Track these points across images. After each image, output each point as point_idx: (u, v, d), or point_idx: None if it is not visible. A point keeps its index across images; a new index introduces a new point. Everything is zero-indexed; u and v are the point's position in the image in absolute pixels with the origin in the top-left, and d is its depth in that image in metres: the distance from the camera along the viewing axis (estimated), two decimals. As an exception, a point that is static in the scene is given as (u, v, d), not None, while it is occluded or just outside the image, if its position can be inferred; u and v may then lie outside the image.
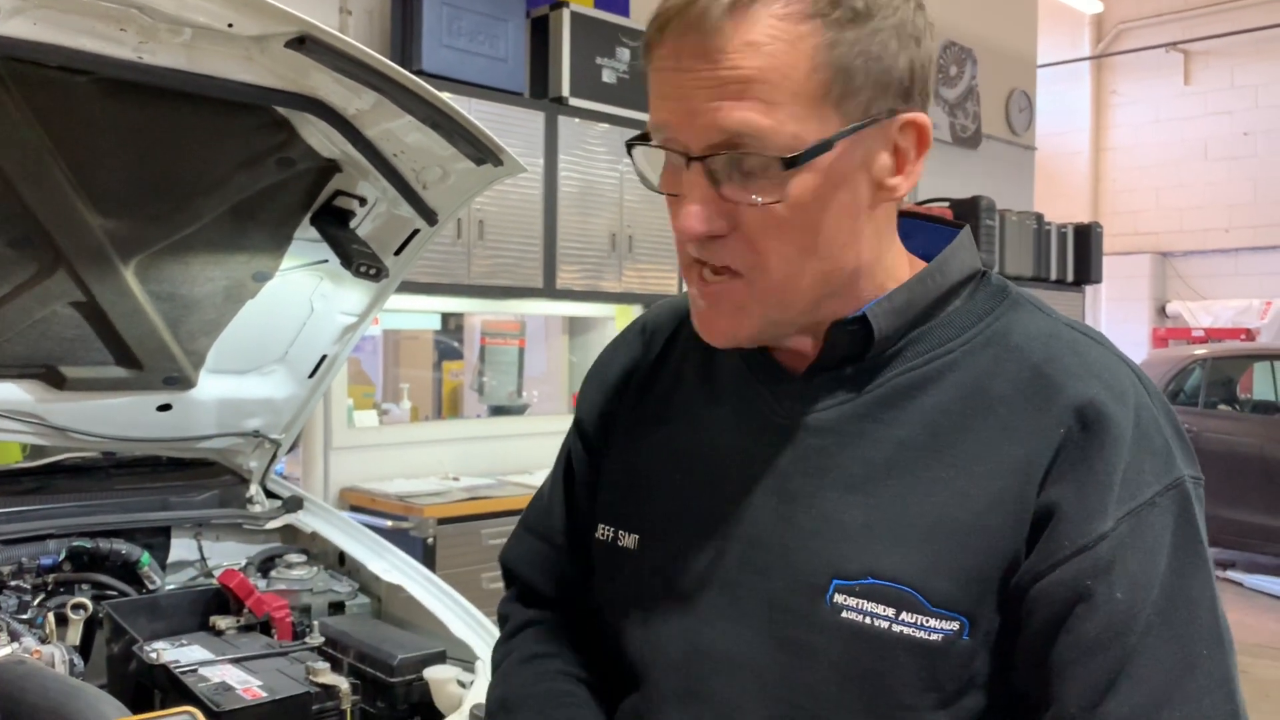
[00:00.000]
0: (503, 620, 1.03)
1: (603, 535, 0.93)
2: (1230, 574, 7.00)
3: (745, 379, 0.88)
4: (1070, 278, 6.46)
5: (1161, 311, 11.03)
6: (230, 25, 1.37)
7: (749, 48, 0.72)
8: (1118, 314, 10.95)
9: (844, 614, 0.77)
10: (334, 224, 1.81)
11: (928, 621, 0.75)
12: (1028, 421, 0.77)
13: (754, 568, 0.82)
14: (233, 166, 1.65)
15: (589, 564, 0.95)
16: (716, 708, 0.82)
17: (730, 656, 0.82)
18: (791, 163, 0.73)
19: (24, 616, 1.80)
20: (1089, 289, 6.84)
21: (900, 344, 0.82)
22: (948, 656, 0.75)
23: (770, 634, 0.80)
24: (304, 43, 1.41)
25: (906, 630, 0.75)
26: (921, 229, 0.90)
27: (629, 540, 0.90)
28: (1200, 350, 7.88)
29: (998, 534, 0.75)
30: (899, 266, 0.84)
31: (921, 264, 0.86)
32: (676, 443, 0.90)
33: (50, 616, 1.80)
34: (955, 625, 0.75)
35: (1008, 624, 0.76)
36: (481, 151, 1.66)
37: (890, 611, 0.76)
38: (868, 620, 0.76)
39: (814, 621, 0.78)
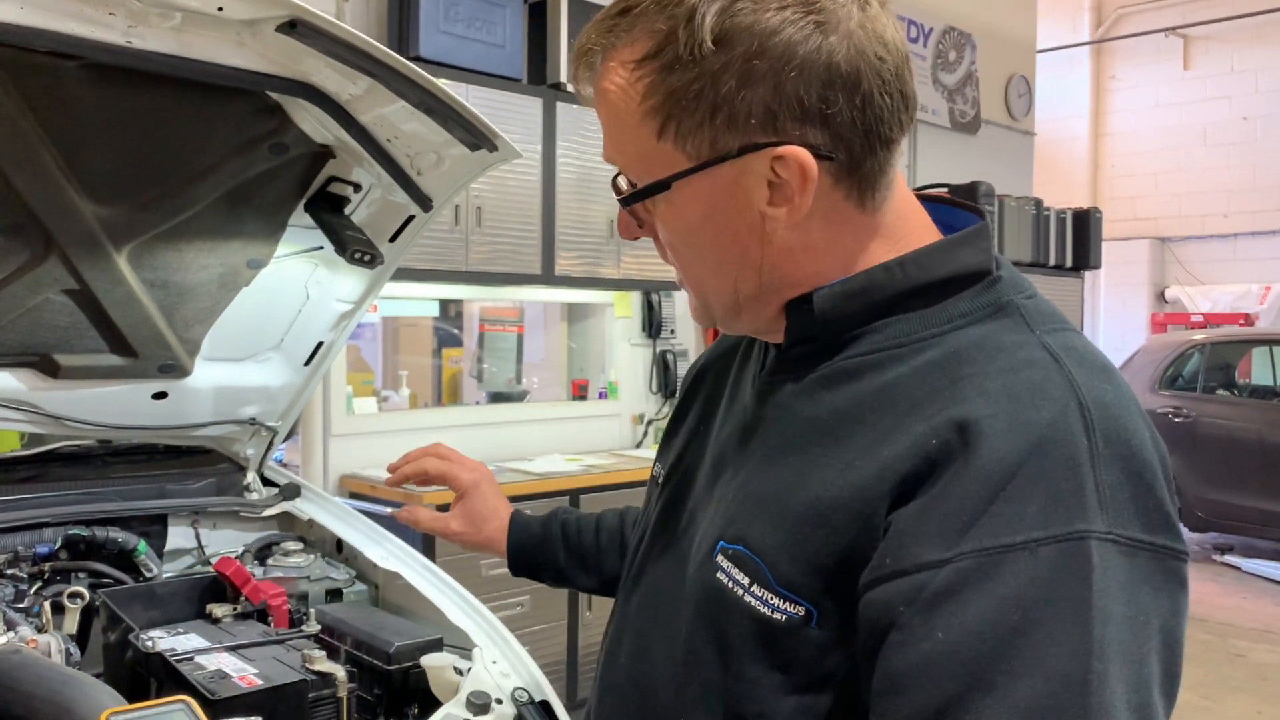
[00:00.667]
0: None
1: (655, 470, 1.05)
2: (1228, 558, 7.02)
3: (760, 350, 0.94)
4: (1069, 263, 6.46)
5: (1160, 297, 11.03)
6: (220, 9, 1.36)
7: (601, 95, 0.80)
8: (1116, 299, 10.95)
9: (717, 574, 0.81)
10: (328, 210, 1.80)
11: (772, 599, 0.76)
12: (909, 425, 0.73)
13: (692, 520, 0.91)
14: (225, 152, 1.64)
15: None
16: (636, 633, 0.93)
17: (655, 594, 0.92)
18: (627, 200, 0.82)
19: (20, 605, 1.80)
20: (1088, 274, 6.84)
21: (859, 331, 0.81)
22: (791, 640, 0.75)
23: (683, 578, 0.87)
24: (295, 27, 1.40)
25: (754, 602, 0.77)
26: (968, 220, 0.86)
27: (660, 476, 1.02)
28: (1199, 335, 7.88)
29: (839, 530, 0.73)
30: (856, 262, 0.81)
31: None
32: (710, 402, 1.00)
33: (46, 605, 1.80)
34: (799, 610, 0.74)
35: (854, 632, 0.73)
36: (476, 137, 1.65)
37: (745, 580, 0.78)
38: (729, 583, 0.80)
39: (700, 575, 0.84)
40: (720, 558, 0.81)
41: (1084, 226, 6.49)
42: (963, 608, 0.65)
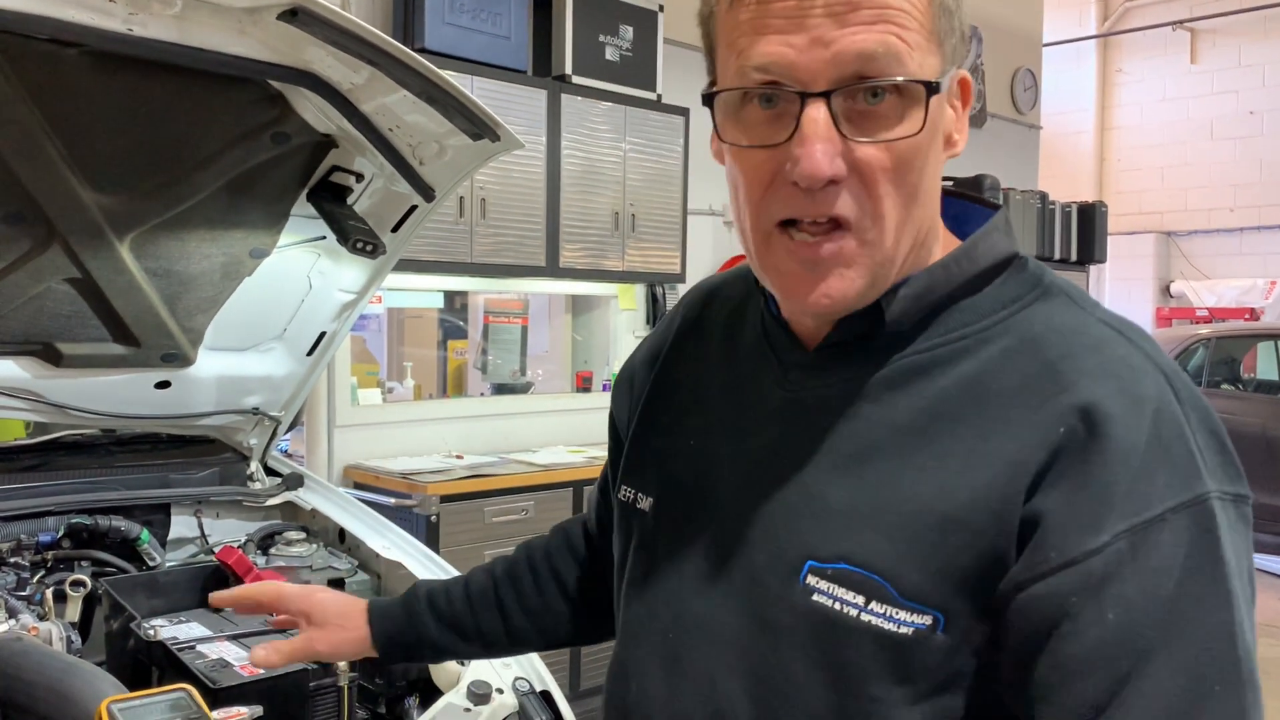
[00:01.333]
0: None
1: (624, 496, 0.95)
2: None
3: (762, 350, 0.87)
4: (1074, 257, 6.44)
5: (1166, 291, 11.00)
6: (222, -3, 1.36)
7: None
8: (1122, 293, 10.92)
9: (815, 596, 0.75)
10: (331, 200, 1.79)
11: (897, 613, 0.72)
12: (1026, 417, 0.72)
13: (741, 541, 0.82)
14: (227, 141, 1.64)
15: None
16: (694, 676, 0.83)
17: (710, 628, 0.82)
18: (934, 88, 0.71)
19: (22, 593, 1.80)
20: (1093, 268, 6.82)
21: (915, 326, 0.79)
22: (919, 651, 0.72)
23: (748, 609, 0.80)
24: (296, 15, 1.39)
25: (875, 620, 0.73)
26: (956, 206, 0.86)
27: (645, 504, 0.92)
28: (1204, 330, 7.86)
29: (977, 531, 0.71)
30: (937, 237, 0.81)
31: (955, 240, 0.82)
32: (691, 410, 0.92)
33: (49, 593, 1.80)
34: (927, 620, 0.72)
35: (994, 632, 0.72)
36: (478, 126, 1.65)
37: (860, 599, 0.73)
38: (837, 605, 0.74)
39: (787, 601, 0.77)
40: (814, 579, 0.76)
41: (1089, 220, 6.48)
42: (1123, 586, 0.67)
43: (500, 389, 4.88)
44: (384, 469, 3.77)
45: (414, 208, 1.86)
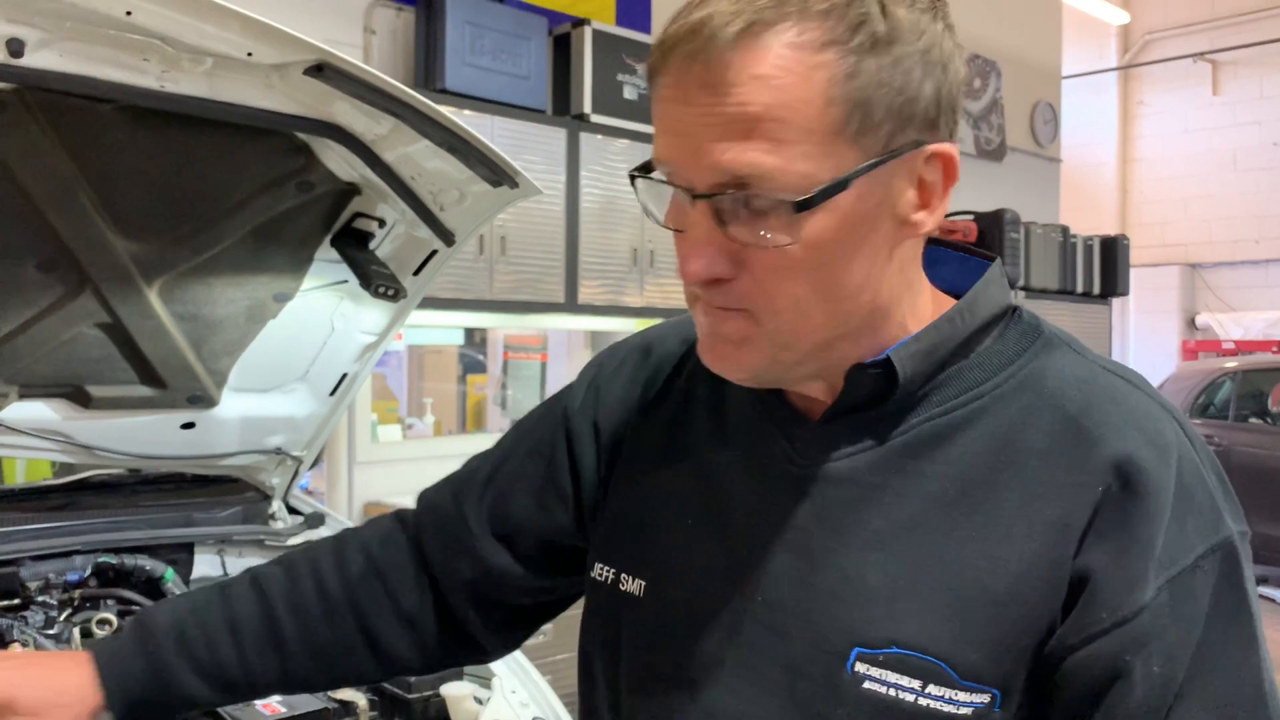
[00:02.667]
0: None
1: (601, 575, 0.88)
2: (1263, 590, 6.91)
3: (757, 420, 0.83)
4: (1097, 290, 6.42)
5: (1191, 323, 10.93)
6: (250, 54, 1.40)
7: (757, 81, 0.66)
8: (1146, 326, 10.86)
9: (866, 684, 0.72)
10: (353, 245, 1.83)
11: (956, 695, 0.70)
12: (1063, 478, 0.71)
13: (773, 631, 0.77)
14: (254, 190, 1.68)
15: (494, 560, 0.95)
16: None
17: None
18: (803, 205, 0.68)
19: (51, 632, 1.83)
20: (1116, 302, 6.79)
21: (926, 388, 0.77)
22: None
23: (791, 703, 0.75)
24: (322, 70, 1.44)
25: (933, 704, 0.70)
26: (947, 258, 0.84)
27: (633, 585, 0.85)
28: (1230, 363, 7.80)
29: (1033, 603, 0.70)
30: (923, 304, 0.79)
31: (946, 299, 0.81)
32: (685, 485, 0.85)
33: (76, 632, 1.83)
34: (986, 698, 0.70)
35: (1038, 694, 0.71)
36: (498, 174, 1.68)
37: (916, 684, 0.71)
38: (892, 692, 0.71)
39: (835, 691, 0.73)
40: (863, 666, 0.72)
41: (1112, 253, 6.46)
42: (1165, 638, 0.68)
43: (520, 424, 4.91)
44: (404, 507, 3.80)
45: (435, 252, 1.90)
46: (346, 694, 1.67)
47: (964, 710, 0.70)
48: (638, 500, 0.88)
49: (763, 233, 0.70)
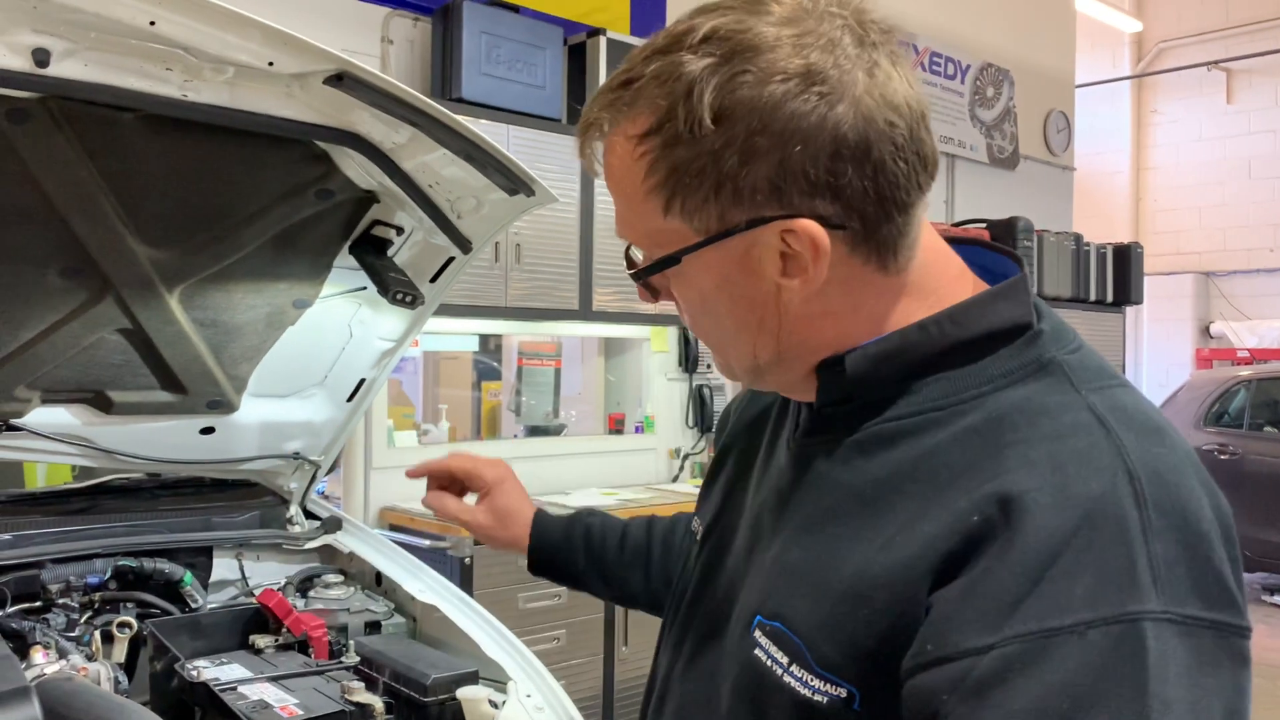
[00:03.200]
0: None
1: (694, 526, 1.03)
2: (1278, 599, 6.87)
3: (793, 409, 0.90)
4: (1110, 299, 6.41)
5: (1205, 332, 10.88)
6: (271, 64, 1.42)
7: (607, 169, 0.79)
8: (1160, 335, 10.82)
9: (755, 650, 0.78)
10: (372, 253, 1.85)
11: (812, 680, 0.72)
12: (949, 499, 0.69)
13: (731, 587, 0.88)
14: (274, 198, 1.70)
15: None
16: (678, 701, 0.91)
17: (695, 662, 0.90)
18: (639, 274, 0.80)
19: (72, 634, 1.85)
20: (1130, 310, 6.78)
21: (895, 392, 0.77)
22: None
23: (721, 651, 0.85)
24: (342, 79, 1.46)
25: (794, 683, 0.74)
26: (1002, 264, 0.84)
27: (699, 533, 1.00)
28: (1245, 371, 7.76)
29: (880, 610, 0.69)
30: (911, 315, 0.78)
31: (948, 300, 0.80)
32: (747, 457, 0.97)
33: (97, 634, 1.85)
34: (841, 692, 0.70)
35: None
36: (514, 182, 1.70)
37: (784, 659, 0.75)
38: (768, 661, 0.76)
39: (736, 648, 0.81)
40: (758, 633, 0.78)
41: (1125, 261, 6.44)
42: (1009, 696, 0.61)
43: (534, 431, 4.93)
44: (419, 511, 3.81)
45: (452, 259, 1.92)
46: (364, 696, 1.69)
47: (818, 697, 0.72)
48: (727, 470, 1.01)
49: (657, 282, 0.82)
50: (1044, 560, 0.63)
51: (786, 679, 0.74)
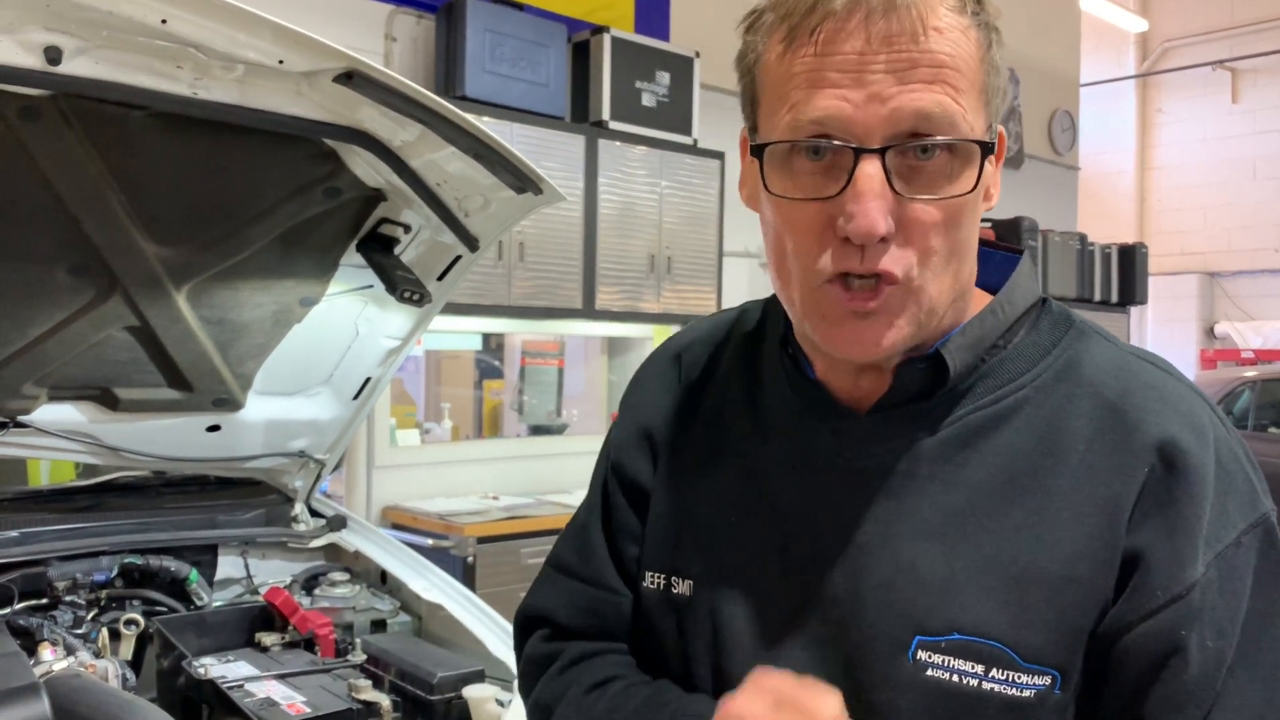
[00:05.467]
0: (540, 661, 0.91)
1: (653, 584, 0.87)
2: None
3: (799, 415, 0.83)
4: (1114, 298, 6.40)
5: (1210, 332, 10.87)
6: (281, 62, 1.42)
7: (937, 33, 0.70)
8: (1164, 335, 10.80)
9: (929, 671, 0.73)
10: (379, 251, 1.85)
11: (1019, 678, 0.71)
12: (1108, 461, 0.73)
13: (829, 622, 0.77)
14: (282, 196, 1.70)
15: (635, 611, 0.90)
16: None
17: None
18: (989, 148, 0.72)
19: (79, 631, 1.85)
20: (1134, 310, 6.77)
21: (970, 380, 0.78)
22: (1040, 712, 0.71)
23: (852, 693, 0.73)
24: (352, 78, 1.46)
25: (997, 687, 0.71)
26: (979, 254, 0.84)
27: (683, 587, 0.85)
28: (1250, 372, 7.75)
29: (1088, 583, 0.71)
30: (971, 294, 0.80)
31: (984, 294, 0.82)
32: (729, 484, 0.85)
33: (104, 631, 1.85)
34: (1047, 680, 0.71)
35: (1093, 672, 0.72)
36: (522, 181, 1.70)
37: (979, 669, 0.72)
38: (955, 678, 0.72)
39: (897, 679, 0.74)
40: (925, 653, 0.73)
41: (1130, 261, 6.44)
42: (1215, 612, 0.70)
43: (536, 430, 4.93)
44: (421, 510, 3.82)
45: (459, 257, 1.92)
46: (370, 694, 1.69)
47: (1026, 693, 0.71)
48: (680, 508, 0.87)
49: (935, 188, 0.71)
50: (1207, 488, 0.72)
51: (987, 686, 0.71)
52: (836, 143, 0.70)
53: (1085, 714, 0.72)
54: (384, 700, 1.70)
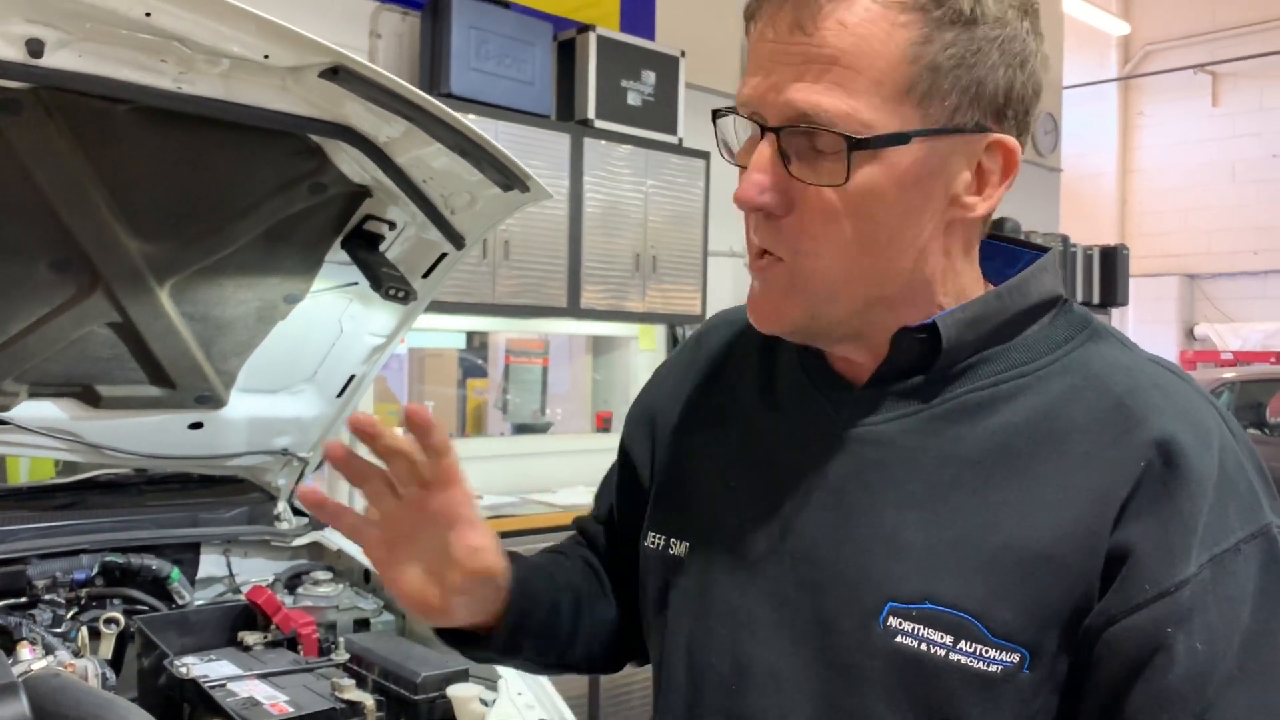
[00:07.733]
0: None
1: (653, 544, 0.91)
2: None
3: (805, 388, 0.86)
4: (1096, 300, 6.45)
5: (1189, 334, 10.96)
6: (266, 56, 1.41)
7: (840, 27, 0.71)
8: (1145, 336, 10.87)
9: (898, 638, 0.74)
10: (364, 248, 1.84)
11: (987, 651, 0.72)
12: (1105, 452, 0.73)
13: (806, 584, 0.79)
14: (266, 192, 1.69)
15: (624, 564, 0.99)
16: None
17: (778, 675, 0.80)
18: (857, 145, 0.72)
19: (58, 630, 1.84)
20: (1115, 311, 6.82)
21: (971, 360, 0.79)
22: (1006, 689, 0.72)
23: (820, 654, 0.77)
24: (337, 73, 1.44)
25: (964, 659, 0.72)
26: (1000, 252, 0.86)
27: (680, 548, 0.89)
28: (1229, 374, 7.83)
29: (1067, 566, 0.71)
30: (972, 288, 0.81)
31: (992, 288, 0.83)
32: (729, 449, 0.89)
33: (83, 630, 1.84)
34: (1015, 657, 0.71)
35: (1076, 665, 0.72)
36: (508, 178, 1.69)
37: (948, 639, 0.72)
38: (923, 646, 0.73)
39: (866, 644, 0.75)
40: (896, 620, 0.74)
41: (1111, 263, 6.49)
42: (1207, 615, 0.69)
43: (520, 429, 4.92)
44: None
45: (444, 255, 1.91)
46: (354, 694, 1.68)
47: (993, 668, 0.72)
48: (682, 471, 0.92)
49: (819, 176, 0.74)
50: (1207, 490, 0.71)
51: (954, 657, 0.72)
52: (753, 119, 0.76)
53: (1069, 709, 0.73)
54: (367, 700, 1.69)
